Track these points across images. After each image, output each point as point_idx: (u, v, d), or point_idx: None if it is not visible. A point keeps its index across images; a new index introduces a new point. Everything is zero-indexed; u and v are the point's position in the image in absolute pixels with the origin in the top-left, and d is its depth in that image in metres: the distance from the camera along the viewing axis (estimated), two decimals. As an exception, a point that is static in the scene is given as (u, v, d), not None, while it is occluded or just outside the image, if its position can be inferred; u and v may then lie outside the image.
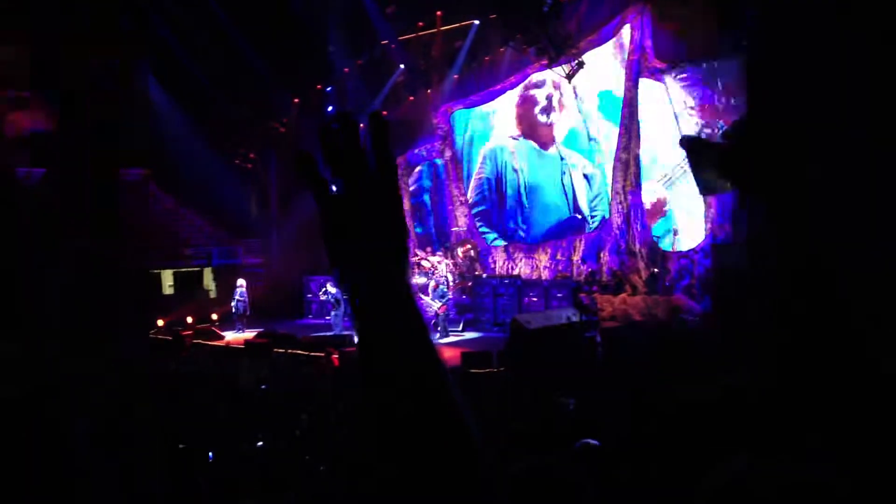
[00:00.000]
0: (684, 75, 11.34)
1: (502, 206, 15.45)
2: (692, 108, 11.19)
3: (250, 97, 17.65)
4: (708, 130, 10.71)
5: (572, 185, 14.28)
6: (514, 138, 15.33)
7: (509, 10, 13.22)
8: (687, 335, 10.24)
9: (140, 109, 17.89)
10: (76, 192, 16.65)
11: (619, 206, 12.82)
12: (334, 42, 16.87)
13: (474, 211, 15.87)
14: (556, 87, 14.32)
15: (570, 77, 13.02)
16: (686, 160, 8.04)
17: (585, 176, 14.09)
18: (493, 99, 15.15)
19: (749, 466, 0.80)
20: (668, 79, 11.62)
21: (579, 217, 14.15)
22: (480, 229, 15.70)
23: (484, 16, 14.48)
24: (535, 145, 14.97)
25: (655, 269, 12.16)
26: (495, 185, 15.63)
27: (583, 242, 13.60)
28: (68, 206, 16.89)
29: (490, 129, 15.64)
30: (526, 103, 14.88)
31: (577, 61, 12.66)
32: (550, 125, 14.68)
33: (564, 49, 12.68)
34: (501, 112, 15.39)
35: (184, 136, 17.79)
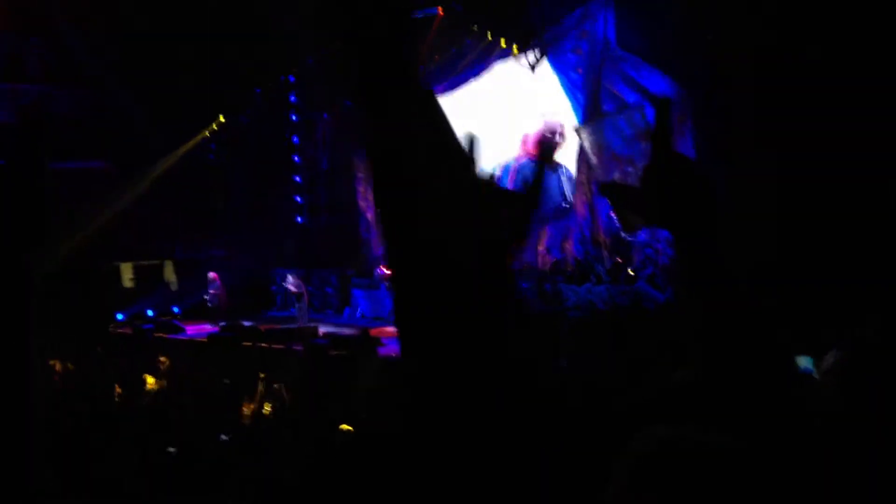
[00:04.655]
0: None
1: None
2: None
3: (213, 87, 17.42)
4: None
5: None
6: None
7: (473, 1, 13.20)
8: (650, 323, 10.35)
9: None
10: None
11: (583, 197, 12.86)
12: (297, 32, 16.69)
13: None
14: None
15: (533, 67, 13.03)
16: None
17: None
18: (455, 88, 15.08)
19: (667, 435, 0.82)
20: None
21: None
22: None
23: (447, 6, 14.42)
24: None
25: (619, 259, 12.24)
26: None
27: (546, 232, 13.63)
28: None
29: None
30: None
31: (540, 52, 12.67)
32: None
33: (528, 39, 12.69)
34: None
35: (145, 127, 17.51)
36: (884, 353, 1.14)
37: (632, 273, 11.84)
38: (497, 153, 15.10)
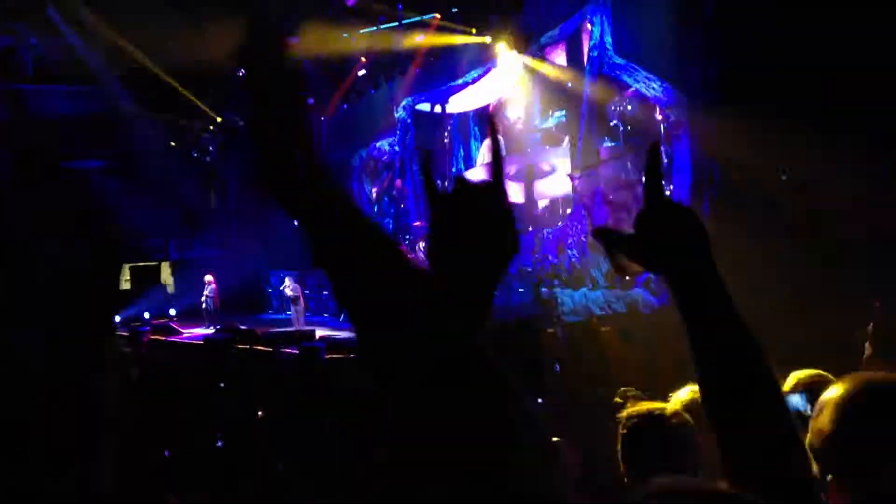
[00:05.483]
0: None
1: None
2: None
3: (209, 88, 17.41)
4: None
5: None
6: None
7: (471, 4, 13.22)
8: (647, 329, 10.36)
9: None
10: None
11: (580, 203, 12.91)
12: (295, 34, 16.68)
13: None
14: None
15: (531, 71, 13.13)
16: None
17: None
18: (454, 93, 15.14)
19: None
20: None
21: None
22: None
23: (446, 9, 14.43)
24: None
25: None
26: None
27: (543, 237, 13.67)
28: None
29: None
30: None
31: (538, 57, 12.75)
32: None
33: (526, 44, 12.74)
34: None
35: (141, 128, 17.49)
36: (880, 391, 1.15)
37: (627, 278, 11.87)
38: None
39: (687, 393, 2.15)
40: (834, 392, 1.19)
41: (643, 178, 1.05)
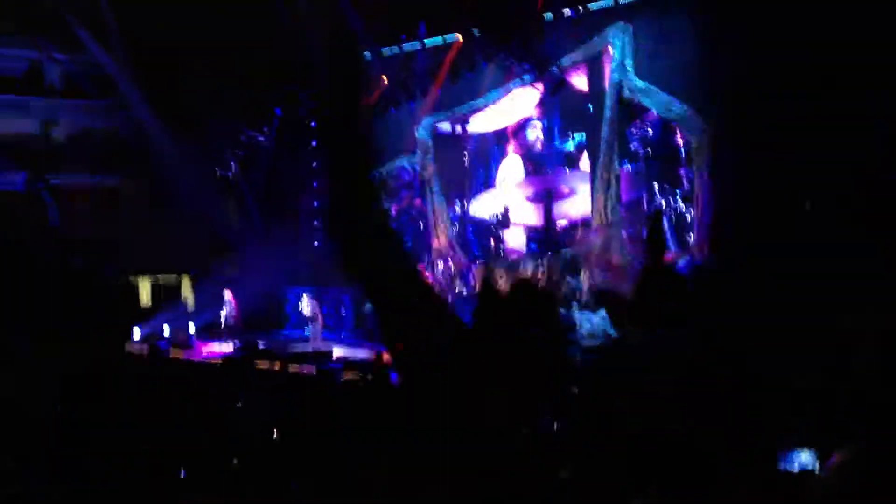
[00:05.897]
0: None
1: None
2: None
3: (230, 105, 17.57)
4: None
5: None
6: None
7: (492, 27, 13.30)
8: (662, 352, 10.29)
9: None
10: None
11: (600, 226, 12.88)
12: (315, 52, 16.79)
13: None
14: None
15: (552, 94, 13.17)
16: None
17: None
18: (475, 114, 15.19)
19: None
20: None
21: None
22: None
23: (467, 31, 14.52)
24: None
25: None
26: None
27: (562, 259, 13.64)
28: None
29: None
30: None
31: (559, 79, 12.79)
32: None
33: (547, 66, 12.78)
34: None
35: (163, 144, 17.64)
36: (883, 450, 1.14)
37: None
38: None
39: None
40: None
41: (645, 239, 1.06)
